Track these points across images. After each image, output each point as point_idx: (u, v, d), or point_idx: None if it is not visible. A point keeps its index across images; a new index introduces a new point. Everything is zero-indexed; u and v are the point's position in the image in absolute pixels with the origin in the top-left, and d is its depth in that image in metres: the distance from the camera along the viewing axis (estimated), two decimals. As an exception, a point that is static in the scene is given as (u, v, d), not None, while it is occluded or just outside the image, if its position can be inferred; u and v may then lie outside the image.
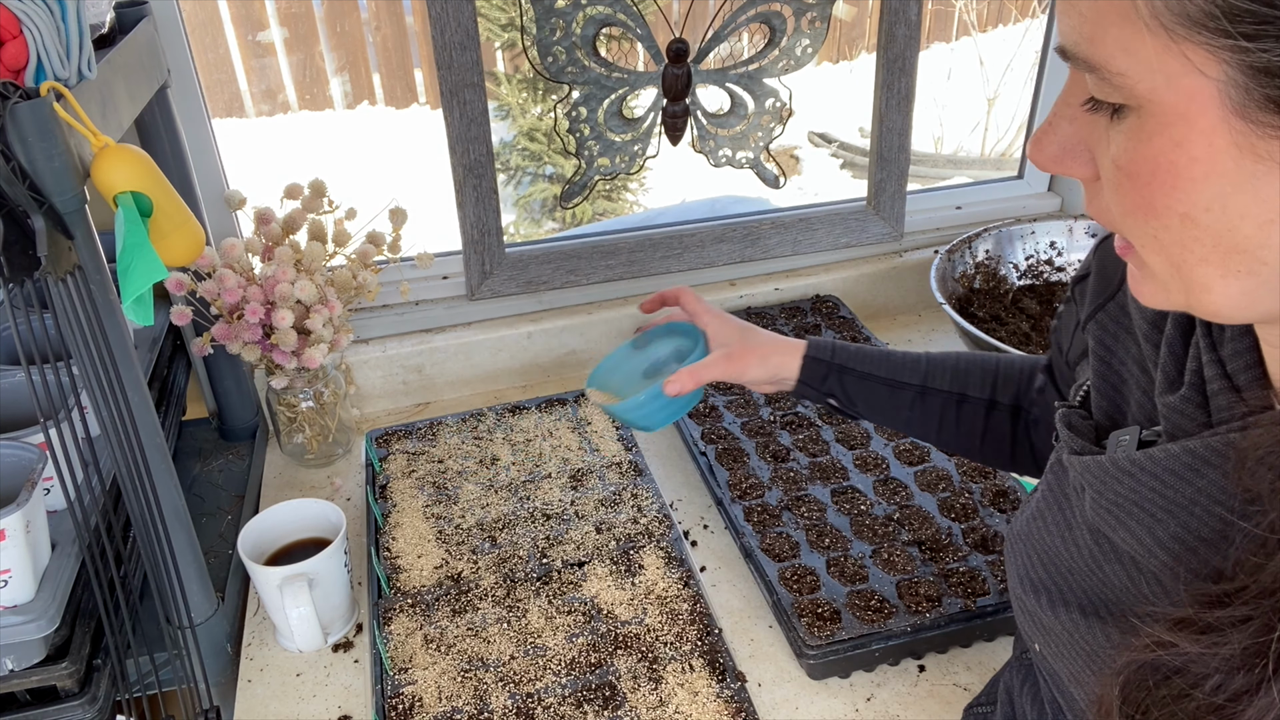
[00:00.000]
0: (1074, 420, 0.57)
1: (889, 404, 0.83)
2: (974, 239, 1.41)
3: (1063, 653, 0.56)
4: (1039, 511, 0.59)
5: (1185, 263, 0.40)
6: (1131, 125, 0.39)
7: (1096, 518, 0.52)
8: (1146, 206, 0.39)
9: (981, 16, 4.31)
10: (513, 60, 3.66)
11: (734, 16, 1.25)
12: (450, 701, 0.85)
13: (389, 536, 1.04)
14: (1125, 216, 0.41)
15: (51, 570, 0.80)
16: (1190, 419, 0.47)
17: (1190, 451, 0.45)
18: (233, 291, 1.05)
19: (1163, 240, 0.40)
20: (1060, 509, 0.57)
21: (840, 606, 0.91)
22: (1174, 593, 0.48)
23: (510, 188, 3.56)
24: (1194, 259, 0.39)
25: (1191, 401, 0.48)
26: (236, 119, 3.97)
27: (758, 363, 0.85)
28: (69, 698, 0.80)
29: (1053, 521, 0.58)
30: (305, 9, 3.98)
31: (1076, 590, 0.55)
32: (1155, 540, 0.48)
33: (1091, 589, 0.54)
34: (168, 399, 1.09)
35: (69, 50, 0.72)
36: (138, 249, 0.67)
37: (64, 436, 0.72)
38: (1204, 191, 0.37)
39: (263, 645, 0.98)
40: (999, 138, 3.90)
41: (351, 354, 1.29)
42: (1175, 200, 0.38)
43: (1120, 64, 0.37)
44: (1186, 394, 0.48)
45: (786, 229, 1.42)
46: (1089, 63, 0.39)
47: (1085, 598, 0.54)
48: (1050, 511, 0.58)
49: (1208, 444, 0.45)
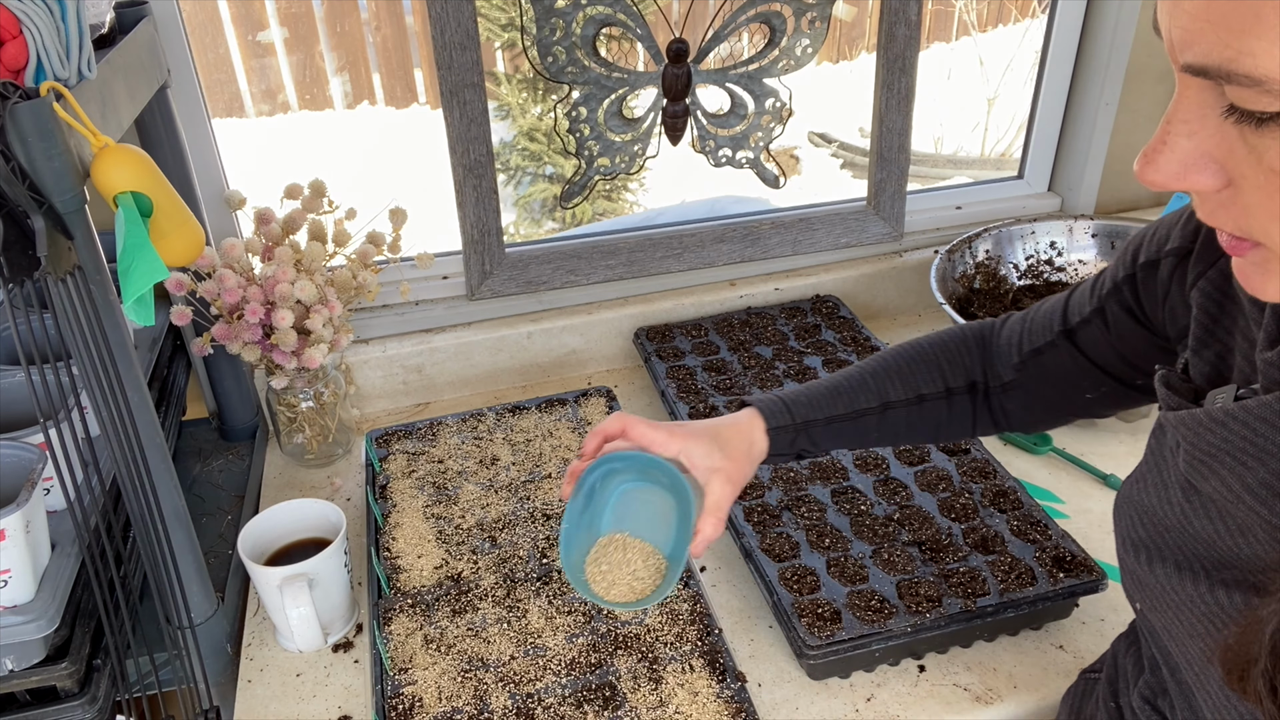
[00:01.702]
0: (1173, 380, 0.59)
1: (855, 435, 0.83)
2: (974, 239, 1.41)
3: (1157, 606, 0.59)
4: (1141, 474, 0.62)
5: None
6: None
7: (1190, 469, 0.54)
8: None
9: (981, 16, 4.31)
10: (513, 60, 3.66)
11: (734, 16, 1.25)
12: (450, 702, 0.85)
13: (389, 536, 1.04)
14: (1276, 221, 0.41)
15: (51, 570, 0.80)
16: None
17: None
18: (233, 291, 1.05)
19: None
20: (1159, 469, 0.60)
21: (840, 607, 0.91)
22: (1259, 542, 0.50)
23: (510, 188, 3.56)
24: None
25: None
26: (236, 119, 3.97)
27: (748, 463, 0.79)
28: (69, 698, 0.80)
29: (1152, 483, 0.60)
30: (305, 9, 3.98)
31: (1171, 546, 0.57)
32: (1244, 486, 0.50)
33: (1183, 544, 0.56)
34: (168, 399, 1.09)
35: (69, 50, 0.72)
36: (138, 249, 0.67)
37: (64, 436, 0.72)
38: None
39: (263, 645, 0.97)
40: (999, 138, 3.90)
41: (351, 354, 1.29)
42: None
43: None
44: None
45: (786, 229, 1.42)
46: (1249, 76, 0.37)
47: (1179, 553, 0.57)
48: (1151, 473, 0.61)
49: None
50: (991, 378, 0.83)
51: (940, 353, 0.84)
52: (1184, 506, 0.56)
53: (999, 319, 0.85)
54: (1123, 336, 0.72)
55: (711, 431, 0.78)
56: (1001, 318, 0.85)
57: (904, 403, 0.82)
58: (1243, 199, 0.42)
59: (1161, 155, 0.43)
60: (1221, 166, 0.42)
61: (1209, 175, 0.42)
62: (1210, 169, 0.42)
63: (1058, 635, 0.94)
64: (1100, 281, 0.74)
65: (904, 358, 0.84)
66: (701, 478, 0.76)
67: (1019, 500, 1.03)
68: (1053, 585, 0.91)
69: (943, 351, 0.84)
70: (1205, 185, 0.43)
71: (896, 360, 0.84)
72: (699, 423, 0.80)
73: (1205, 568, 0.55)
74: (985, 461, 1.09)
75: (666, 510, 0.80)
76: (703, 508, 0.76)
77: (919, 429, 0.84)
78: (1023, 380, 0.80)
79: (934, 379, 0.83)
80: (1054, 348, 0.77)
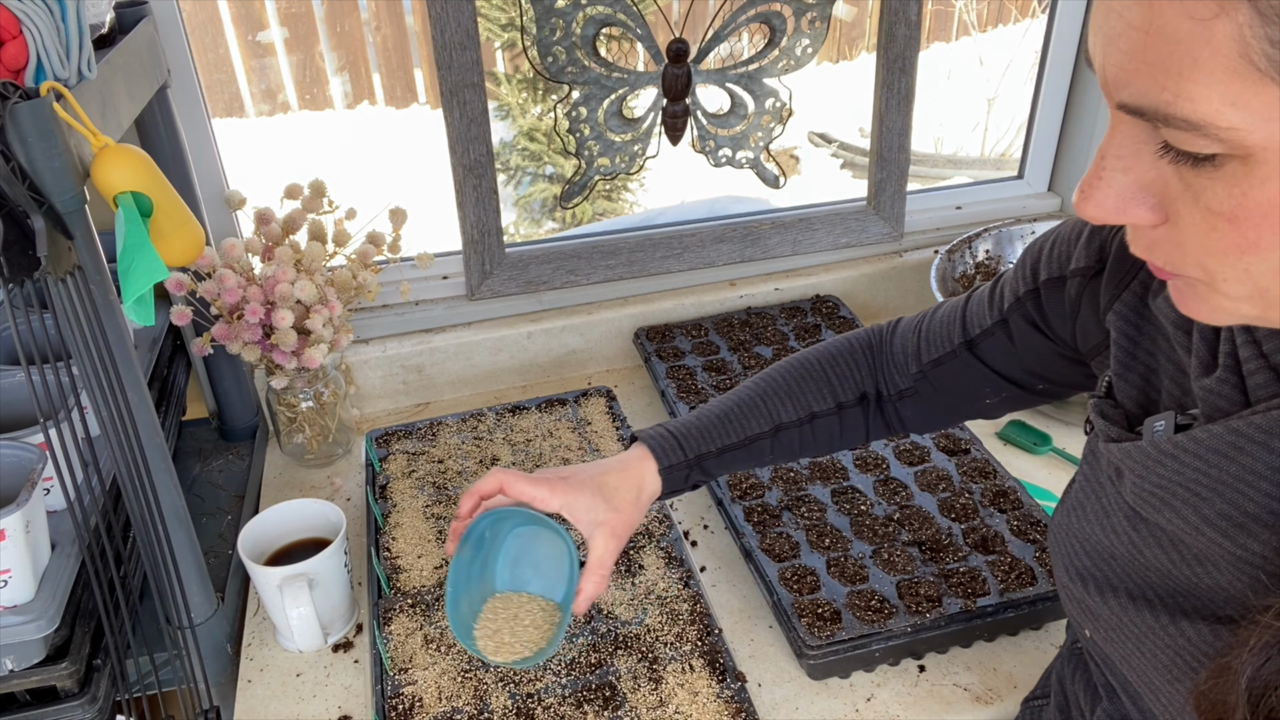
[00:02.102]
0: (1106, 410, 0.58)
1: (748, 459, 0.82)
2: (974, 239, 1.41)
3: (1113, 637, 0.58)
4: (1078, 502, 0.61)
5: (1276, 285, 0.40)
6: (1233, 172, 0.37)
7: (1139, 502, 0.54)
8: (1249, 245, 0.39)
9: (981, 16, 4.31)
10: (513, 60, 3.66)
11: (734, 16, 1.25)
12: (450, 701, 0.85)
13: (389, 536, 1.04)
14: (1212, 257, 0.40)
15: (51, 570, 0.80)
16: (1228, 400, 0.49)
17: (1233, 430, 0.47)
18: (233, 291, 1.05)
19: (1255, 271, 0.39)
20: (1097, 497, 0.59)
21: (840, 607, 0.91)
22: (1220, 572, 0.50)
23: (510, 188, 3.56)
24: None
25: (1228, 383, 0.49)
26: (236, 119, 3.97)
27: (636, 511, 0.77)
28: (69, 698, 0.80)
29: (1091, 511, 0.59)
30: (305, 9, 3.98)
31: (1121, 575, 0.57)
32: (1202, 519, 0.49)
33: (1135, 573, 0.56)
34: (168, 399, 1.09)
35: (69, 50, 0.72)
36: (138, 249, 0.67)
37: (64, 436, 0.72)
38: None
39: (263, 645, 0.97)
40: (999, 138, 3.90)
41: (351, 354, 1.29)
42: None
43: (1228, 118, 0.36)
44: (1222, 375, 0.49)
45: (786, 229, 1.42)
46: (1186, 120, 0.37)
47: (1130, 582, 0.56)
48: (1088, 501, 0.60)
49: (1250, 422, 0.46)
50: (887, 386, 0.82)
51: (829, 367, 0.83)
52: (1131, 536, 0.55)
53: (887, 325, 0.85)
54: (1028, 348, 0.72)
55: (596, 482, 0.76)
56: (889, 323, 0.85)
57: (795, 423, 0.81)
58: (1178, 235, 0.41)
59: (1098, 190, 0.42)
60: (1159, 201, 0.41)
61: (1146, 210, 0.42)
62: (1147, 203, 0.42)
63: (1058, 635, 0.94)
64: (998, 293, 0.74)
65: (792, 376, 0.83)
66: (585, 532, 0.75)
67: (1019, 500, 1.03)
68: (1053, 585, 0.91)
69: (831, 366, 0.83)
70: (1143, 220, 0.42)
71: (785, 379, 0.83)
72: (585, 470, 0.77)
73: (1160, 597, 0.54)
74: (985, 461, 1.09)
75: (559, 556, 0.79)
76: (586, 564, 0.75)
77: (812, 445, 0.83)
78: (921, 389, 0.80)
79: (823, 396, 0.82)
80: (954, 358, 0.77)
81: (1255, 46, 0.34)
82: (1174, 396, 0.55)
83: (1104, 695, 0.64)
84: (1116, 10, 0.38)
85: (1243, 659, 0.42)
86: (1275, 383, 0.47)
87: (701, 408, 0.83)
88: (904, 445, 1.13)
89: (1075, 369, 0.70)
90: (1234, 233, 0.39)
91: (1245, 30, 0.34)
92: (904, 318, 0.85)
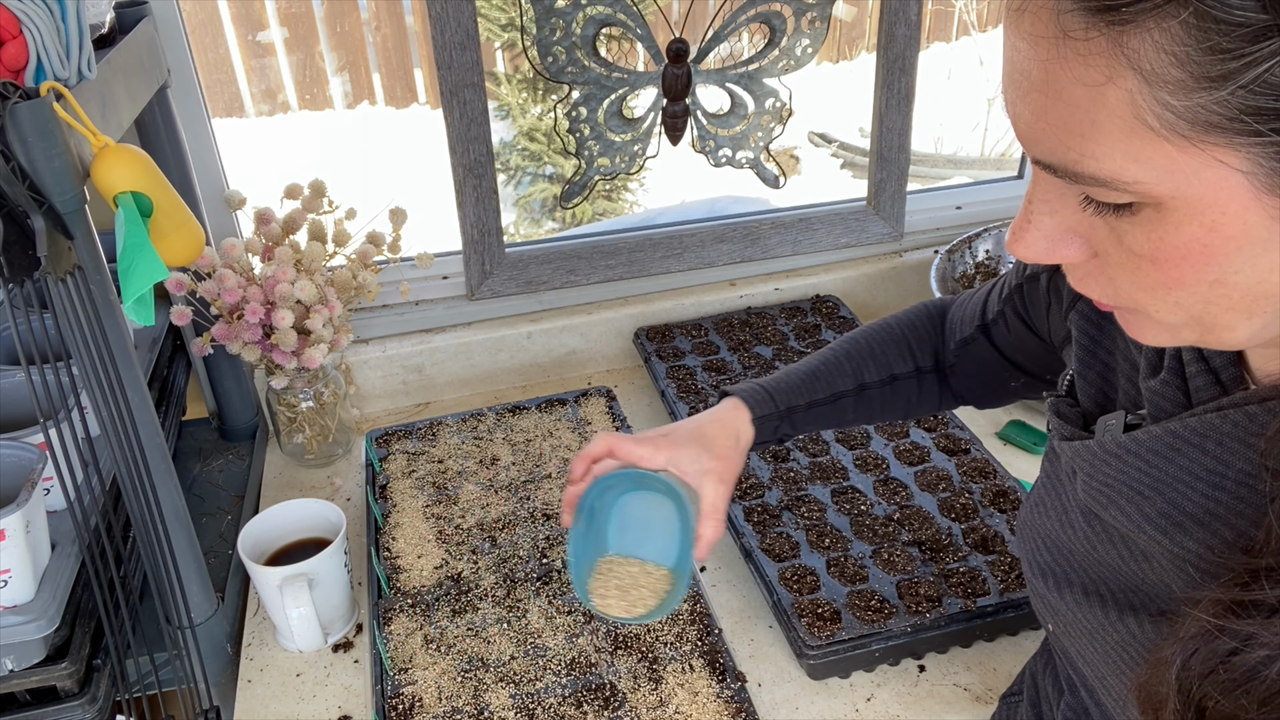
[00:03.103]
0: (1062, 409, 0.60)
1: (833, 416, 0.84)
2: (974, 239, 1.41)
3: (1069, 631, 0.59)
4: (1039, 499, 0.63)
5: (1208, 314, 0.40)
6: (1149, 219, 0.38)
7: (1089, 499, 0.55)
8: (1174, 282, 0.40)
9: (981, 16, 4.31)
10: (513, 60, 3.66)
11: (734, 16, 1.25)
12: (450, 701, 0.85)
13: (389, 536, 1.04)
14: (1142, 292, 0.41)
15: (51, 570, 0.80)
16: (1171, 401, 0.50)
17: (1171, 432, 0.48)
18: (233, 291, 1.05)
19: (1185, 303, 0.40)
20: (1057, 494, 0.60)
21: (840, 606, 0.91)
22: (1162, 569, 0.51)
23: (510, 188, 3.56)
24: (1218, 310, 0.40)
25: (1171, 385, 0.50)
26: (236, 119, 3.97)
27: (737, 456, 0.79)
28: (69, 698, 0.80)
29: (1051, 507, 0.61)
30: (305, 9, 3.98)
31: (1077, 570, 0.58)
32: (1144, 516, 0.50)
33: (1089, 568, 0.57)
34: (168, 399, 1.09)
35: (69, 50, 0.72)
36: (138, 249, 0.67)
37: (64, 436, 0.72)
38: (1236, 259, 0.38)
39: (263, 645, 0.97)
40: (999, 138, 3.91)
41: (351, 354, 1.29)
42: (1207, 272, 0.39)
43: (1132, 173, 0.37)
44: (1166, 378, 0.50)
45: (786, 229, 1.42)
46: (1094, 178, 0.38)
47: (1085, 577, 0.57)
48: (1049, 498, 0.61)
49: (1187, 424, 0.48)
50: (943, 357, 0.85)
51: (909, 332, 0.85)
52: (1087, 532, 0.57)
53: (956, 297, 0.87)
54: (1019, 339, 0.74)
55: (696, 433, 0.78)
56: (959, 295, 0.87)
57: (878, 384, 0.84)
58: (1109, 271, 0.42)
59: (1028, 233, 0.43)
60: (1086, 241, 0.43)
61: (1075, 249, 0.43)
62: (1075, 243, 0.43)
63: (1058, 635, 0.95)
64: (1001, 283, 0.76)
65: (875, 339, 0.85)
66: (694, 482, 0.76)
67: (1019, 500, 1.03)
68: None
69: (910, 331, 0.85)
70: (1072, 258, 0.43)
71: (869, 342, 0.85)
72: (684, 425, 0.79)
73: (1111, 592, 0.55)
74: (985, 461, 1.09)
75: (668, 517, 0.80)
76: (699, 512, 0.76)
77: (891, 407, 0.86)
78: (960, 365, 0.83)
79: (905, 359, 0.84)
80: (975, 341, 0.80)
81: (1146, 108, 0.35)
82: (1129, 395, 0.56)
83: (1066, 689, 0.66)
84: (1020, 72, 0.39)
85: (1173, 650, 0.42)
86: (1214, 385, 0.48)
87: (788, 367, 0.86)
88: (904, 445, 1.13)
89: (1061, 365, 0.71)
90: (1157, 272, 0.40)
91: (1135, 94, 0.35)
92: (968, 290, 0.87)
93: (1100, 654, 0.56)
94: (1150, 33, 0.34)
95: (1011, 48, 0.39)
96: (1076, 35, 0.36)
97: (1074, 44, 0.36)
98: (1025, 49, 0.38)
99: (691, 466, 0.76)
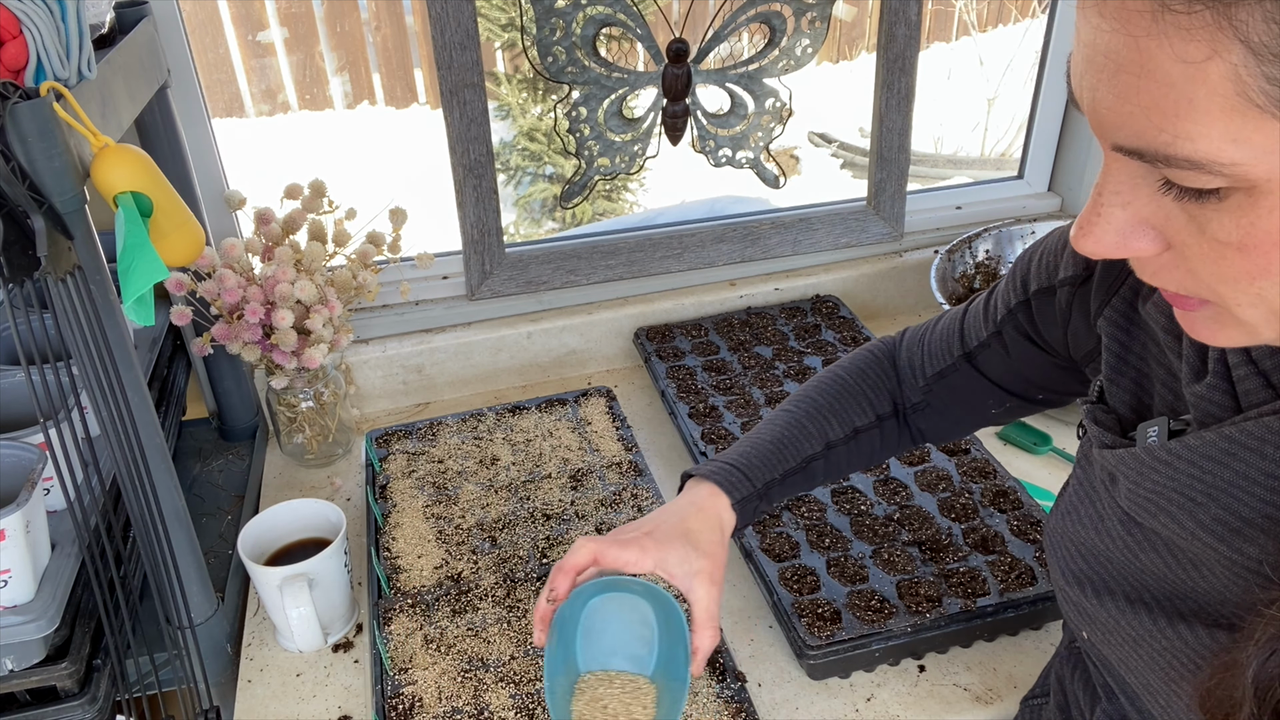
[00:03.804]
0: (1099, 416, 0.59)
1: (804, 483, 0.83)
2: (974, 239, 1.41)
3: (1110, 639, 0.58)
4: (1071, 506, 0.62)
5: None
6: (1239, 204, 0.37)
7: (1134, 507, 0.54)
8: (1260, 271, 0.38)
9: (981, 16, 4.31)
10: (513, 60, 3.66)
11: (734, 16, 1.25)
12: (450, 701, 0.85)
13: (389, 536, 1.04)
14: (1224, 284, 0.40)
15: (51, 570, 0.80)
16: (1219, 405, 0.49)
17: (1226, 437, 0.47)
18: (233, 291, 1.05)
19: (1269, 295, 0.39)
20: (1091, 502, 0.59)
21: (840, 606, 0.91)
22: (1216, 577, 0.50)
23: (510, 188, 3.56)
24: None
25: (1218, 389, 0.49)
26: (236, 119, 3.97)
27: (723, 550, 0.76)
28: (69, 698, 0.80)
29: (1085, 515, 0.60)
30: (305, 9, 3.98)
31: (1118, 579, 0.57)
32: (1198, 524, 0.49)
33: (1131, 576, 0.56)
34: (168, 399, 1.09)
35: (69, 50, 0.72)
36: (138, 249, 0.67)
37: (64, 436, 0.72)
38: None
39: (263, 645, 0.97)
40: (999, 138, 3.90)
41: (351, 354, 1.29)
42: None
43: (1230, 154, 0.35)
44: (1213, 382, 0.49)
45: (786, 229, 1.42)
46: (1189, 160, 0.36)
47: (1127, 585, 0.56)
48: (1082, 505, 0.60)
49: (1242, 428, 0.47)
50: (903, 399, 0.84)
51: (861, 381, 0.84)
52: (1126, 540, 0.56)
53: (895, 336, 0.86)
54: (1022, 359, 0.73)
55: (680, 529, 0.74)
56: (897, 335, 0.86)
57: (843, 440, 0.82)
58: (1187, 263, 0.41)
59: (1097, 227, 0.42)
60: (1160, 233, 0.41)
61: (1148, 242, 0.42)
62: (1149, 235, 0.41)
63: (1057, 635, 0.94)
64: (992, 305, 0.74)
65: (830, 394, 0.83)
66: (683, 585, 0.73)
67: (1019, 500, 1.03)
68: (1052, 585, 0.91)
69: (863, 380, 0.84)
70: (1145, 251, 0.42)
71: (825, 398, 0.83)
72: (666, 519, 0.76)
73: (1157, 600, 0.54)
74: (985, 461, 1.09)
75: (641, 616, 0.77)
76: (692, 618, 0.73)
77: (856, 460, 0.84)
78: (930, 401, 0.81)
79: (864, 410, 0.83)
80: (955, 370, 0.78)
81: (1252, 84, 0.34)
82: (1166, 401, 0.55)
83: (1103, 695, 0.65)
84: (1104, 53, 0.37)
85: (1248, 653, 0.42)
86: (1265, 388, 0.47)
87: (746, 438, 0.82)
88: (904, 445, 1.13)
89: (1071, 377, 0.70)
90: (1244, 260, 0.38)
91: (1240, 70, 0.34)
92: (910, 328, 0.85)
93: (1145, 661, 0.55)
94: (1263, 3, 0.32)
95: (1093, 28, 0.38)
96: (1178, 8, 0.34)
97: (1175, 17, 0.34)
98: (1112, 27, 0.36)
99: (680, 569, 0.73)
